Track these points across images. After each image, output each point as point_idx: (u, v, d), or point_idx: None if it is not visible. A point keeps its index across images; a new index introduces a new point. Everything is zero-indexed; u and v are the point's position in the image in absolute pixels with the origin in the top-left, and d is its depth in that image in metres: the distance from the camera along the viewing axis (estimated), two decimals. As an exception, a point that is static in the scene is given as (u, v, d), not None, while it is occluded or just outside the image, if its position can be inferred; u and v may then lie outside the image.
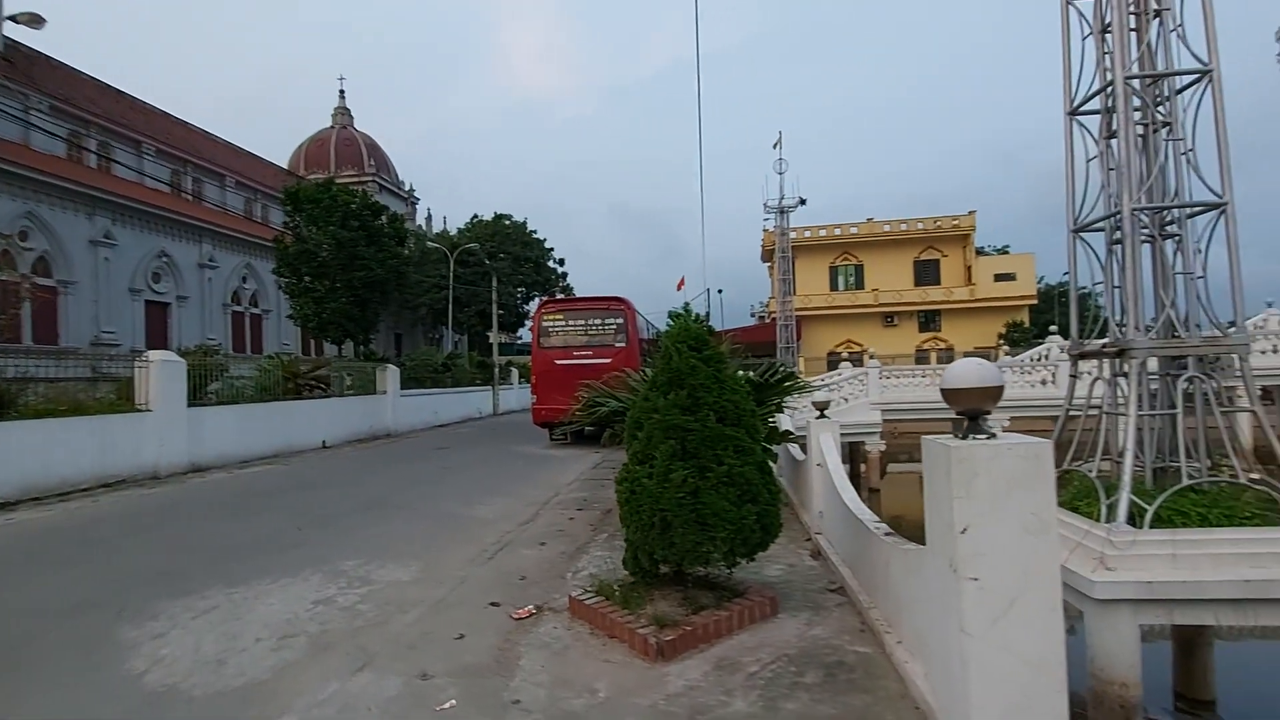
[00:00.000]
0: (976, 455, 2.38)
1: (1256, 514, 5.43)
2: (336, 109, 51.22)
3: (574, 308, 16.62)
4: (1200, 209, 5.97)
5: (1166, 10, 6.07)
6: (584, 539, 6.68)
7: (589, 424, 7.89)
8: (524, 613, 4.50)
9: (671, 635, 3.76)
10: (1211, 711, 6.52)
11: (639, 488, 3.99)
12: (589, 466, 12.00)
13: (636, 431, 4.25)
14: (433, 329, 48.93)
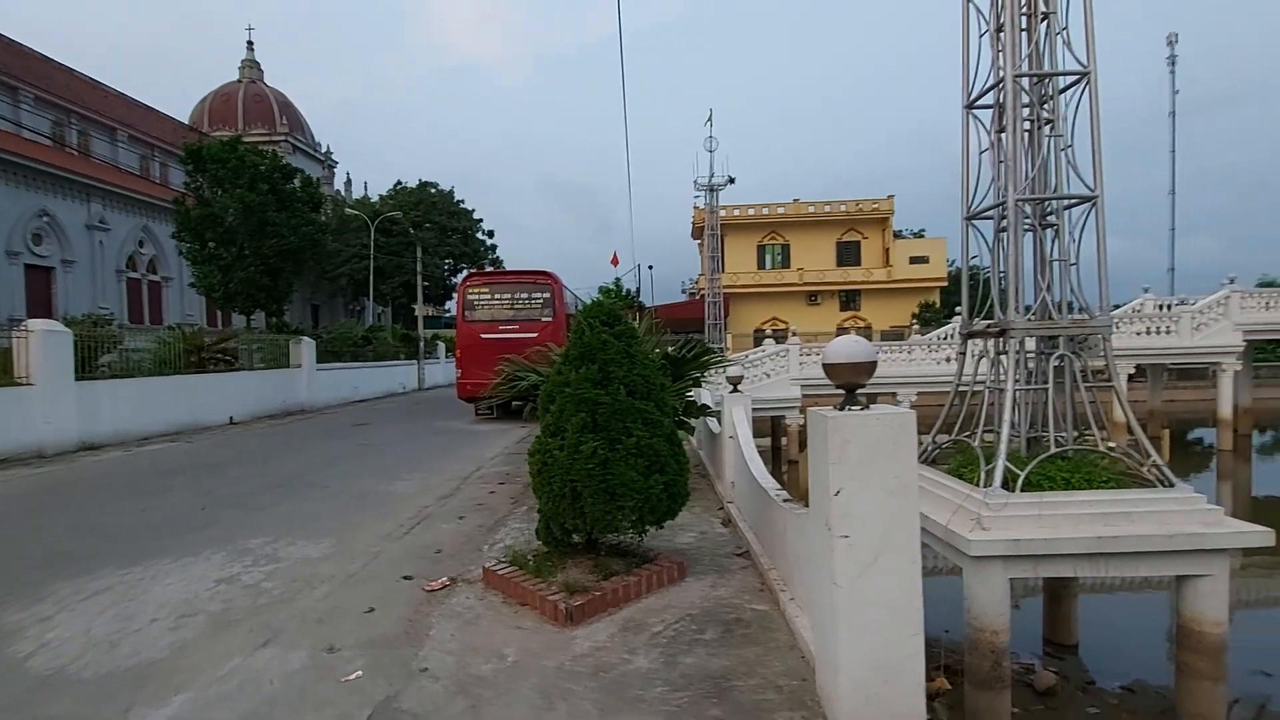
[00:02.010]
0: (848, 424, 2.61)
1: (1112, 478, 6.09)
2: (244, 62, 47.70)
3: (500, 281, 16.39)
4: (1075, 201, 6.54)
5: (1053, 14, 6.53)
6: (503, 512, 6.75)
7: (510, 398, 7.91)
8: (437, 585, 4.55)
9: (581, 600, 3.91)
10: (1074, 654, 7.31)
11: (550, 459, 4.09)
12: (514, 441, 12.01)
13: (549, 405, 4.34)
14: (353, 301, 47.00)
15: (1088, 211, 6.54)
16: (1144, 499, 5.77)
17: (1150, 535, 5.51)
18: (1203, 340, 20.06)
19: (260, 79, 47.97)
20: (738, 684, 3.11)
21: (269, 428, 15.02)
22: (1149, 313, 21.52)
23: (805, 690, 3.03)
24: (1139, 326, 20.37)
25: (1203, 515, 5.68)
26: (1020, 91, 6.54)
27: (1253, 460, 20.36)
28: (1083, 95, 6.51)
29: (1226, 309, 20.09)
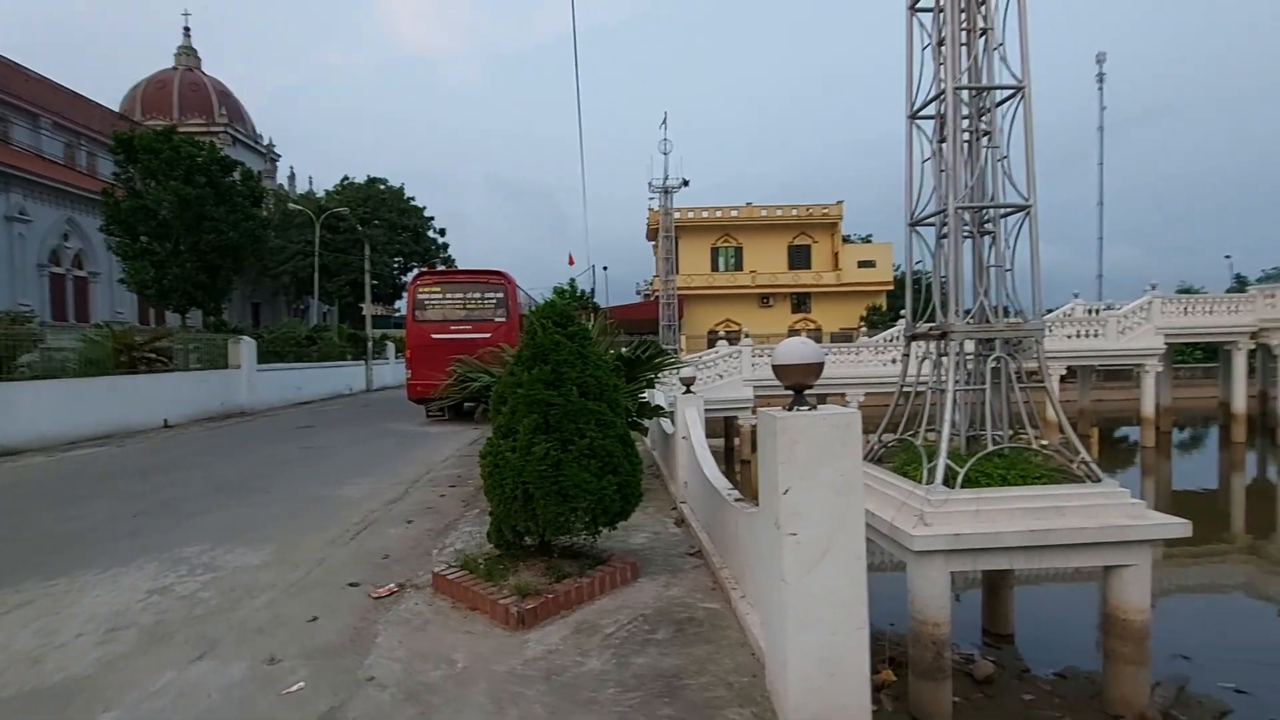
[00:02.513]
0: (797, 425, 2.67)
1: (1045, 475, 6.38)
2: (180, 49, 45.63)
3: (452, 280, 16.11)
4: (1010, 210, 6.84)
5: (990, 30, 6.83)
6: (454, 516, 6.64)
7: (462, 399, 7.79)
8: (384, 591, 4.44)
9: (533, 603, 3.88)
10: (1011, 643, 7.63)
11: (502, 461, 4.05)
12: (465, 443, 11.82)
13: (501, 406, 4.30)
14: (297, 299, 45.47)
15: (1022, 220, 6.85)
16: (1074, 494, 6.07)
17: (1080, 528, 5.80)
18: (1127, 343, 21.23)
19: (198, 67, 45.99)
20: (689, 682, 3.14)
21: (207, 431, 14.39)
22: (1079, 317, 22.63)
23: (755, 686, 3.08)
24: (1070, 330, 21.42)
25: (1127, 509, 6.01)
26: (960, 103, 6.81)
27: (1172, 456, 21.66)
28: (1018, 109, 6.82)
29: (1149, 314, 21.32)
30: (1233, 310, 21.72)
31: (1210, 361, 29.41)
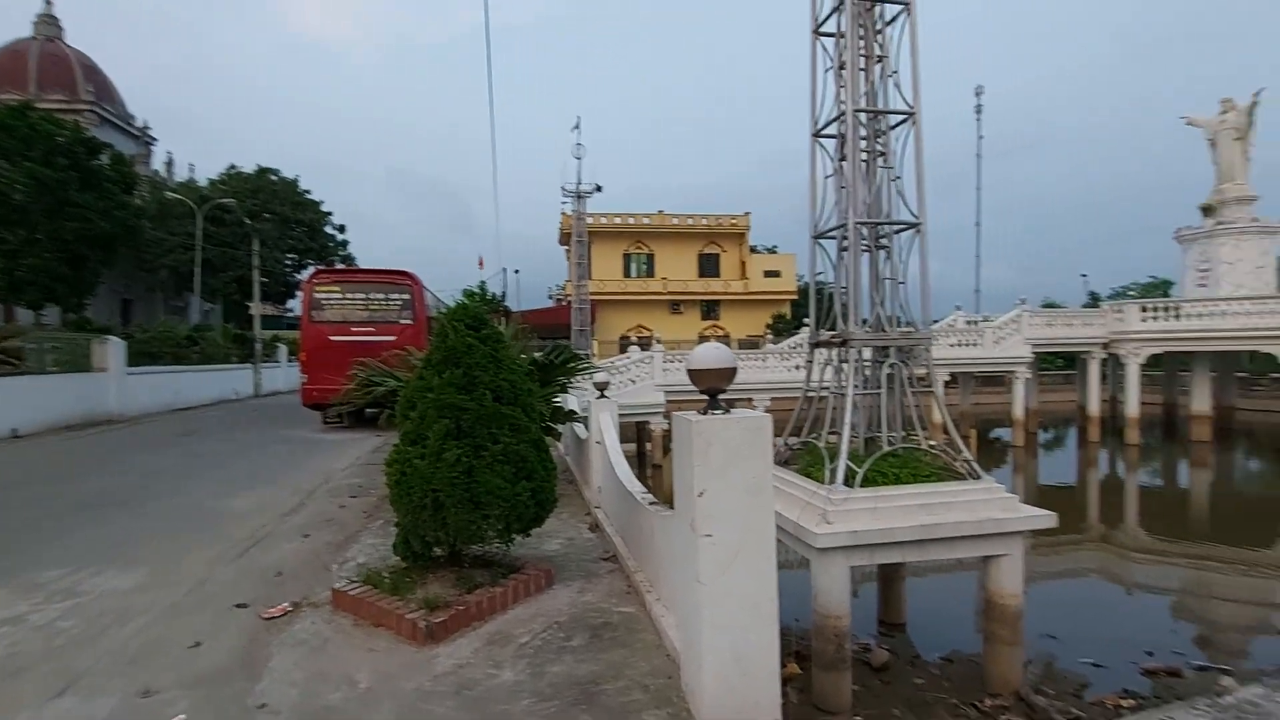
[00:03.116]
0: (712, 428, 2.73)
1: (933, 473, 6.86)
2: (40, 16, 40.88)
3: (353, 280, 15.33)
4: (903, 227, 7.34)
5: (886, 58, 7.31)
6: (356, 527, 6.31)
7: (365, 404, 7.43)
8: (277, 611, 4.16)
9: (442, 616, 3.75)
10: (903, 632, 8.12)
11: (410, 469, 3.89)
12: (368, 450, 11.27)
13: (409, 411, 4.13)
14: (175, 296, 41.79)
15: (913, 236, 7.36)
16: (958, 490, 6.56)
17: (963, 522, 6.27)
18: (1001, 352, 23.23)
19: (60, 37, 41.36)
20: (606, 687, 3.14)
21: (66, 440, 12.93)
22: (960, 328, 24.54)
23: (671, 687, 3.12)
24: (952, 340, 23.17)
25: (1003, 503, 6.55)
26: (859, 125, 7.23)
27: (1038, 454, 23.87)
28: (909, 133, 7.33)
29: (1019, 326, 23.43)
30: (1087, 324, 24.24)
31: (1069, 369, 32.68)
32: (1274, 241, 23.29)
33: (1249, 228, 22.91)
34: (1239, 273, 22.94)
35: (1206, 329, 21.83)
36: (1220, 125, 23.64)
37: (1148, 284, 45.65)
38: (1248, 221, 22.97)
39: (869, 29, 7.39)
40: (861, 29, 7.36)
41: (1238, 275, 22.92)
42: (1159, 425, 26.19)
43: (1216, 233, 23.39)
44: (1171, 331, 22.46)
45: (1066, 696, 6.33)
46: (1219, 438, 22.85)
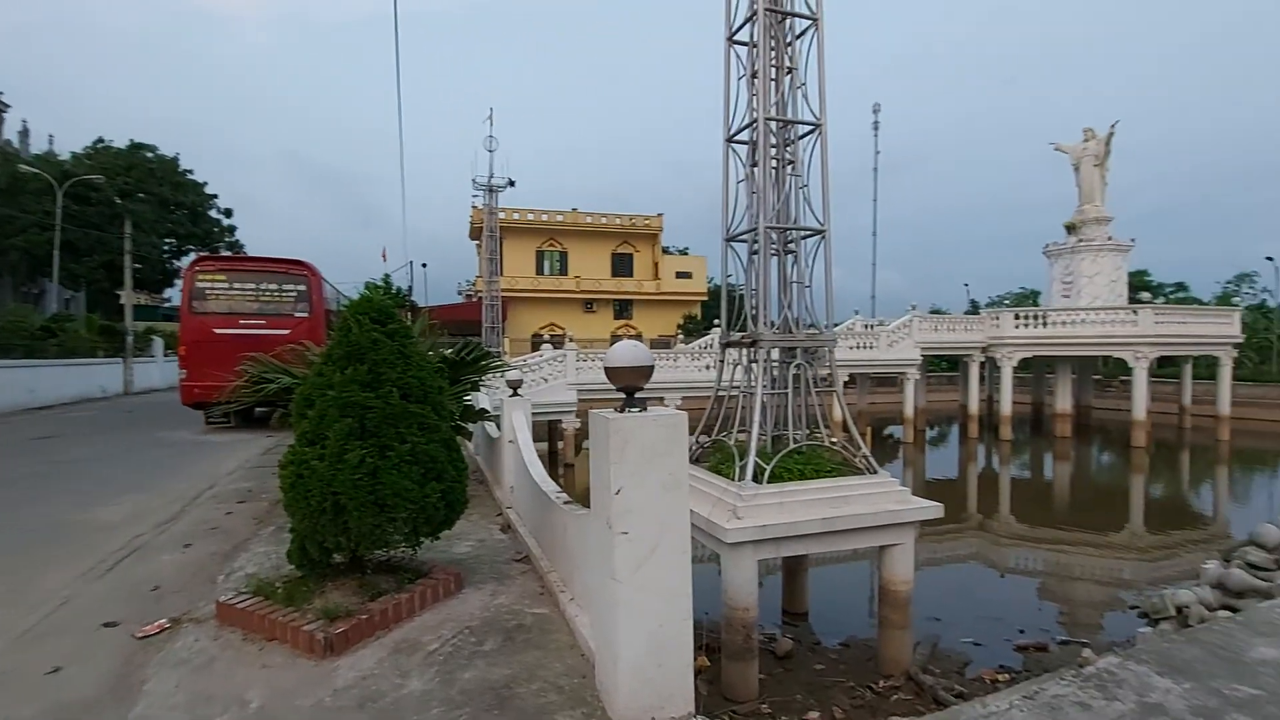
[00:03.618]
0: (629, 426, 2.74)
1: (835, 468, 7.22)
2: None
3: (241, 268, 14.24)
4: (809, 233, 7.68)
5: (795, 70, 7.62)
6: (244, 535, 5.87)
7: (254, 403, 6.92)
8: (153, 629, 3.80)
9: (343, 626, 3.56)
10: (806, 620, 8.49)
11: (308, 471, 3.66)
12: (258, 452, 10.52)
13: (307, 410, 3.89)
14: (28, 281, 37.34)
15: (819, 243, 7.71)
16: (857, 484, 6.94)
17: (862, 514, 6.63)
18: (894, 354, 24.78)
19: (-120, -20, 35.93)
20: (520, 690, 3.08)
21: (-115, 445, 11.26)
22: (858, 331, 25.95)
23: (585, 687, 3.10)
24: (851, 342, 24.47)
25: (897, 495, 6.99)
26: (770, 133, 7.49)
27: (926, 450, 25.64)
28: (816, 144, 7.67)
29: (910, 330, 25.06)
30: (969, 330, 26.27)
31: (953, 371, 35.31)
32: (1125, 258, 26.15)
33: (1105, 245, 25.59)
34: (1097, 285, 25.59)
35: (1069, 336, 24.21)
36: (1083, 152, 26.26)
37: (1020, 294, 50.02)
38: (1104, 239, 25.65)
39: (780, 41, 7.67)
40: (773, 40, 7.62)
41: (1095, 288, 25.56)
42: (1028, 422, 28.83)
43: (1078, 249, 25.97)
44: (1040, 337, 24.73)
45: (951, 674, 6.83)
46: (1078, 433, 25.41)
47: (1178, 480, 19.65)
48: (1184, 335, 23.73)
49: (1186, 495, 17.98)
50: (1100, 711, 3.05)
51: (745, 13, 7.74)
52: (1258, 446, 23.86)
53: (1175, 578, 9.53)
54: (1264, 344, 34.17)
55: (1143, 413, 22.70)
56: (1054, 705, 3.12)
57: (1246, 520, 13.20)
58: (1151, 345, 22.89)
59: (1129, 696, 3.18)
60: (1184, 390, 26.39)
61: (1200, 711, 3.04)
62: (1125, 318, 23.52)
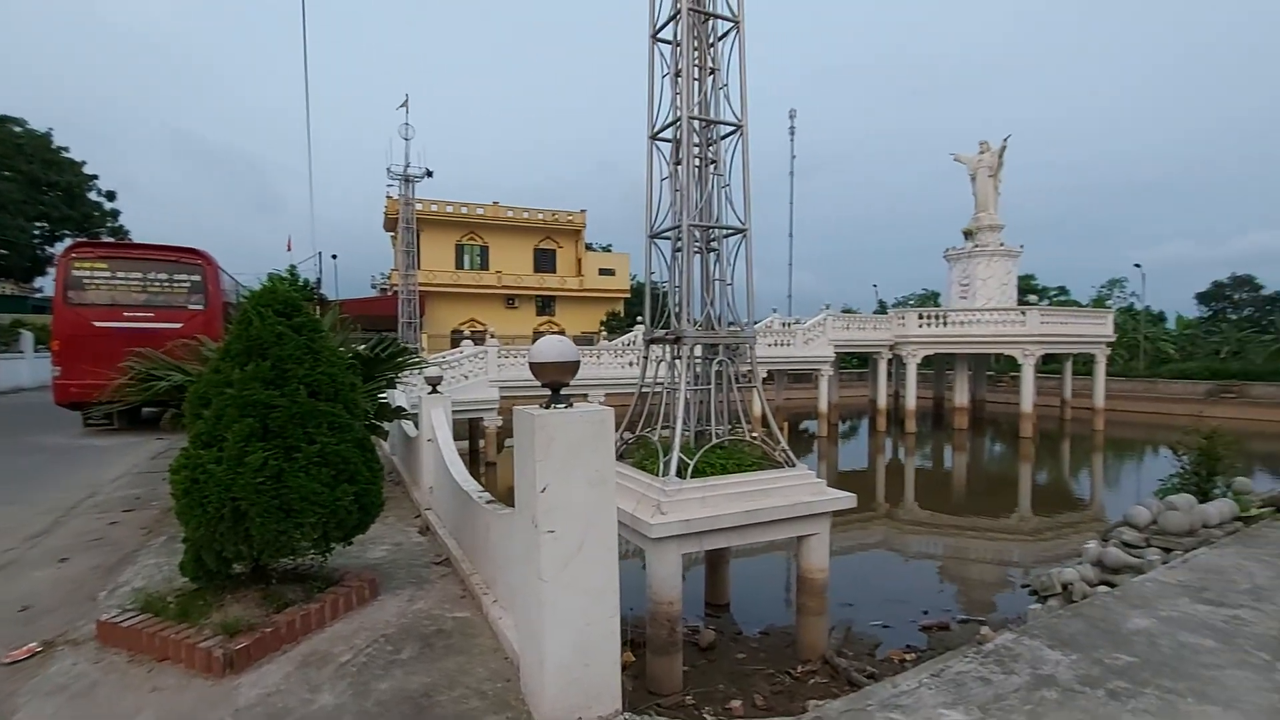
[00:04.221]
0: (554, 422, 2.69)
1: (755, 462, 7.39)
2: None
3: (126, 256, 13.05)
4: (731, 231, 7.83)
5: (717, 70, 7.74)
6: (131, 546, 5.39)
7: (141, 403, 6.37)
8: (22, 653, 3.42)
9: (245, 641, 3.32)
10: (727, 611, 8.66)
11: (203, 475, 3.39)
12: (146, 456, 9.69)
13: (202, 409, 3.60)
14: None
15: (740, 241, 7.87)
16: (776, 478, 7.13)
17: (781, 506, 6.83)
18: (809, 352, 25.73)
19: None
20: (440, 699, 2.97)
21: None
22: (776, 329, 26.75)
23: (510, 690, 3.03)
24: (769, 340, 25.21)
25: (813, 487, 7.24)
26: (693, 132, 7.58)
27: (839, 443, 26.80)
28: (737, 144, 7.82)
29: (824, 329, 26.09)
30: (878, 328, 27.63)
31: (863, 368, 37.06)
32: (1015, 263, 28.22)
33: (997, 251, 27.53)
34: (990, 288, 27.49)
35: (966, 335, 25.90)
36: (978, 163, 28.13)
37: (924, 295, 53.12)
38: (997, 246, 27.59)
39: (703, 41, 7.76)
40: (696, 40, 7.70)
41: (989, 290, 27.45)
42: (930, 416, 30.67)
43: (974, 254, 27.81)
44: (940, 336, 26.34)
45: (863, 656, 7.16)
46: (974, 425, 27.25)
47: (1060, 467, 21.43)
48: (1065, 335, 25.91)
49: (1068, 481, 19.63)
50: (1000, 685, 3.26)
51: (669, 11, 7.78)
52: (1128, 435, 26.35)
53: (1060, 557, 10.39)
54: (1132, 343, 37.83)
55: (1029, 405, 24.63)
56: (958, 681, 3.31)
57: (1120, 502, 14.57)
58: (1037, 343, 24.85)
59: (1024, 669, 3.42)
60: (1065, 384, 28.80)
61: (1086, 680, 3.30)
62: (1015, 318, 25.39)
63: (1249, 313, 54.00)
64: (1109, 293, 50.14)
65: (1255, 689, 3.21)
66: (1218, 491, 7.75)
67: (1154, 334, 40.62)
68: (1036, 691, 3.17)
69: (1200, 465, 8.09)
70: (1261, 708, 3.04)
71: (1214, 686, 3.23)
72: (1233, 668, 3.43)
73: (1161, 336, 40.87)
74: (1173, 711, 3.00)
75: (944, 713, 3.00)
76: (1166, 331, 43.01)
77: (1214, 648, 3.67)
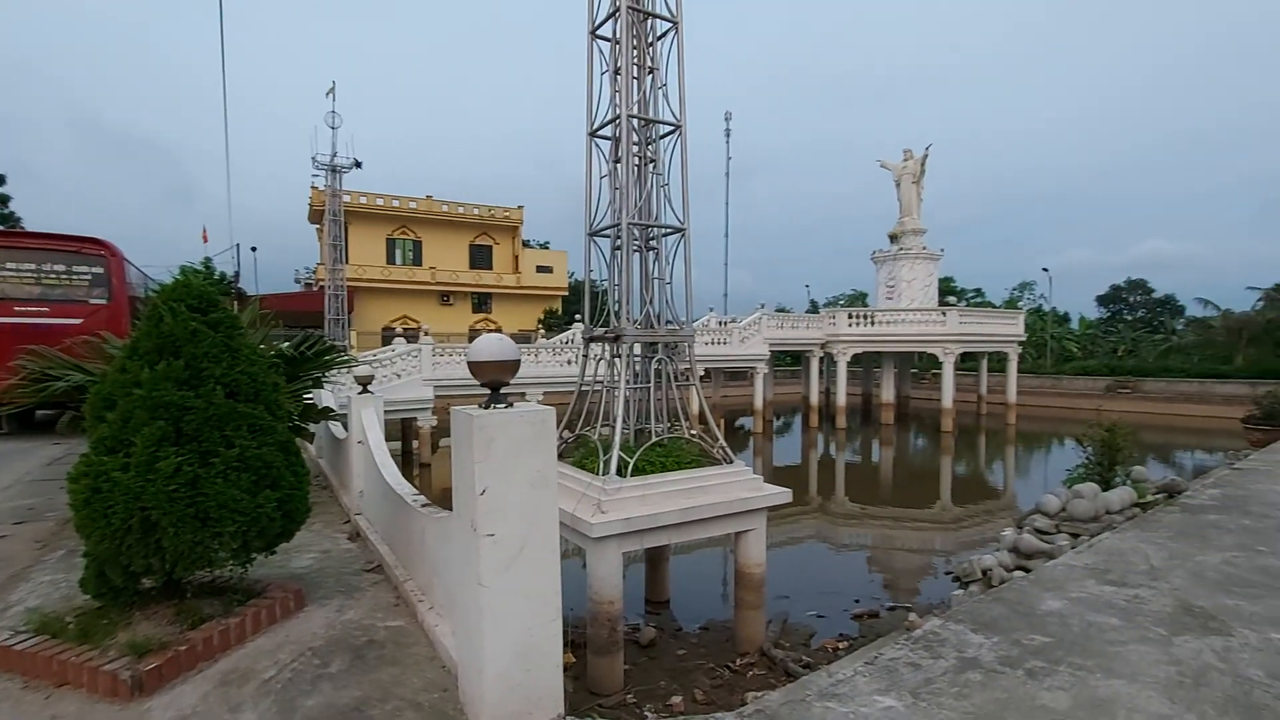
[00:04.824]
0: (494, 422, 2.62)
1: (694, 459, 7.46)
2: None
3: (16, 245, 11.97)
4: (670, 231, 7.87)
5: (657, 70, 7.76)
6: (24, 562, 4.94)
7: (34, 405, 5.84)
8: (-110, 685, 3.06)
9: (156, 662, 3.09)
10: (667, 608, 8.71)
11: (108, 483, 3.13)
12: (41, 463, 8.91)
13: (106, 412, 3.32)
14: None
15: (679, 241, 7.92)
16: (715, 474, 7.22)
17: (719, 503, 6.91)
18: (745, 350, 26.24)
19: None
20: (373, 712, 2.84)
21: None
22: (713, 328, 27.15)
23: (448, 700, 2.94)
24: (707, 338, 25.57)
25: (750, 484, 7.37)
26: (632, 130, 7.57)
27: (774, 439, 27.46)
28: (676, 144, 7.86)
29: (759, 327, 26.67)
30: (810, 327, 28.47)
31: (796, 365, 38.10)
32: (937, 266, 29.63)
33: (920, 254, 28.83)
34: (914, 289, 28.76)
35: (892, 334, 27.01)
36: (903, 170, 29.37)
37: (853, 295, 55.04)
38: (920, 249, 28.89)
39: (642, 40, 7.76)
40: (635, 39, 7.69)
41: (913, 291, 28.72)
42: (860, 412, 31.85)
43: (899, 256, 29.04)
44: (868, 335, 27.37)
45: (799, 647, 7.34)
46: (899, 420, 28.46)
47: (978, 459, 22.65)
48: (981, 334, 27.39)
49: (985, 472, 20.77)
50: (928, 669, 3.39)
51: (608, 8, 7.74)
52: (1037, 429, 28.11)
53: (980, 544, 10.97)
54: (1041, 342, 40.40)
55: (950, 401, 25.92)
56: (891, 668, 3.42)
57: (1033, 491, 15.49)
58: (957, 342, 26.18)
59: (950, 653, 3.57)
60: (981, 381, 30.46)
61: (1006, 661, 3.48)
62: (936, 318, 26.66)
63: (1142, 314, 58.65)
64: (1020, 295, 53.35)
65: (1155, 663, 3.47)
66: (1118, 480, 8.36)
67: (1060, 334, 43.55)
68: (962, 674, 3.32)
69: (1102, 456, 8.70)
70: (1159, 680, 3.28)
71: (1119, 662, 3.47)
72: (1135, 644, 3.69)
73: (1066, 336, 43.87)
74: (1083, 686, 3.20)
75: (878, 699, 3.10)
76: (1071, 331, 46.19)
77: (1118, 625, 3.94)
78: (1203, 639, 3.75)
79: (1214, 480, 8.63)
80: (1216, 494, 7.71)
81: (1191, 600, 4.35)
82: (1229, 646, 3.65)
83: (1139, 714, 2.95)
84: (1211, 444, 22.17)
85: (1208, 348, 34.22)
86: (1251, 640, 3.73)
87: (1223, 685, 3.22)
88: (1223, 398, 27.16)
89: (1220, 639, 3.75)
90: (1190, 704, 3.04)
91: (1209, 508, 7.05)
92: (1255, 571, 4.94)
